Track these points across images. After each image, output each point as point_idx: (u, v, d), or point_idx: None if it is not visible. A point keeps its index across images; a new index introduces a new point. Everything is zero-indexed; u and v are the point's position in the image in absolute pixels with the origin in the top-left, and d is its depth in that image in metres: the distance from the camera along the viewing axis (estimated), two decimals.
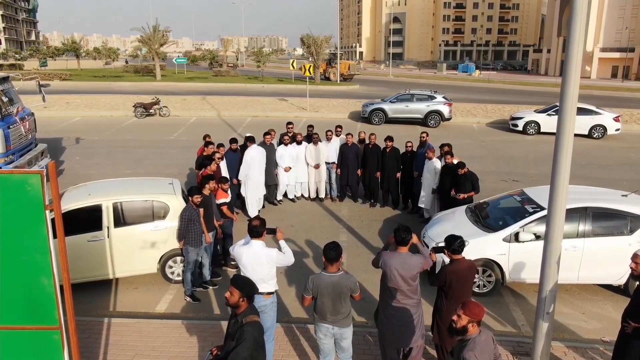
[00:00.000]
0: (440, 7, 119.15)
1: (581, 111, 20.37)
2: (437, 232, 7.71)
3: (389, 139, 10.70)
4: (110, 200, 7.00)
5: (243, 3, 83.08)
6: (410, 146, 10.64)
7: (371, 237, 9.55)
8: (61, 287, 3.74)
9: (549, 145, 18.97)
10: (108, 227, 6.97)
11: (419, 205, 10.41)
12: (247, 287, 3.72)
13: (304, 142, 11.20)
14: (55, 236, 3.59)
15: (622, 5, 67.27)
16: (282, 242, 5.17)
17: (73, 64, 64.20)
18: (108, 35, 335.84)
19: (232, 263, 8.05)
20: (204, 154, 9.29)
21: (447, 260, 5.16)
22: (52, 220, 3.58)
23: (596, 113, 20.27)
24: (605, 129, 20.07)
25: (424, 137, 10.50)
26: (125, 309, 6.89)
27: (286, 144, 10.95)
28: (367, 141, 11.06)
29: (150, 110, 23.15)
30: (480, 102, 30.24)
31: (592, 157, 17.04)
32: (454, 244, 4.89)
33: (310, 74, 25.20)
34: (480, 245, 7.15)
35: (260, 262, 4.93)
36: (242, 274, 5.06)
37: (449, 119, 22.43)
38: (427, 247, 7.59)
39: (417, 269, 4.80)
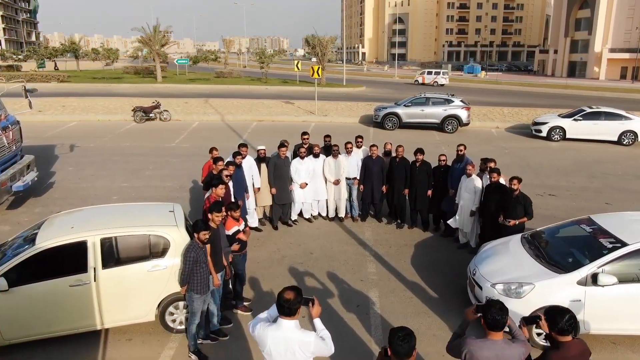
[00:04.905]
0: (444, 7, 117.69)
1: (610, 116, 19.11)
2: (492, 270, 6.40)
3: (420, 151, 9.43)
4: (98, 235, 5.71)
5: (245, 3, 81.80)
6: (444, 160, 9.36)
7: (403, 267, 8.25)
8: None
9: (576, 152, 17.68)
10: (95, 269, 5.68)
11: (448, 223, 9.13)
12: None
13: (321, 155, 9.93)
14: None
15: (631, 5, 65.80)
16: (317, 322, 3.74)
17: (72, 64, 62.87)
18: (109, 36, 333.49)
19: (245, 304, 6.78)
20: (212, 171, 8.01)
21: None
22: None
23: (626, 118, 18.95)
24: (636, 135, 18.73)
25: (461, 150, 9.20)
26: None
27: (302, 157, 9.68)
28: (393, 154, 9.79)
29: (150, 114, 21.83)
30: (492, 104, 28.95)
31: (627, 166, 15.73)
32: (561, 321, 3.47)
33: (319, 75, 23.91)
34: (548, 289, 5.86)
35: (291, 349, 3.57)
36: None
37: (467, 124, 21.06)
38: (481, 288, 6.32)
39: None
